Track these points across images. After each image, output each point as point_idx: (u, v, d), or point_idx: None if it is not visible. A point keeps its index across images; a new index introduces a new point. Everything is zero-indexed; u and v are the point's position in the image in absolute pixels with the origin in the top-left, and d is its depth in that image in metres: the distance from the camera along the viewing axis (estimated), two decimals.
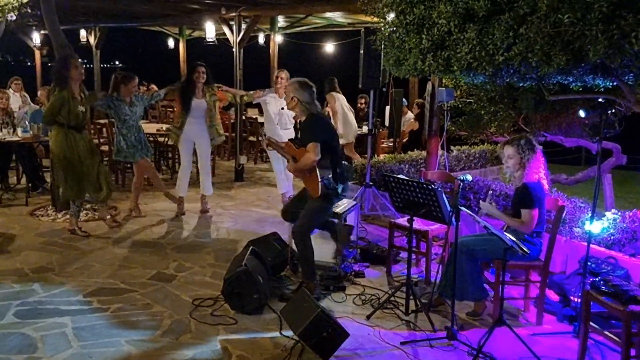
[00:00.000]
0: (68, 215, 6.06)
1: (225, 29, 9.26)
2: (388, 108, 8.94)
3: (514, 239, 3.71)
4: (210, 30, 9.81)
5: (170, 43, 15.59)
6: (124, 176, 8.26)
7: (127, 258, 5.24)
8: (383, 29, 4.99)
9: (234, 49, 8.96)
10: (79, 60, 5.74)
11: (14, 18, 6.65)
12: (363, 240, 5.80)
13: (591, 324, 3.56)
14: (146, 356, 3.54)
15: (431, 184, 4.11)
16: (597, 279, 3.61)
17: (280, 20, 11.05)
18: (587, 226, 4.11)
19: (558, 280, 4.42)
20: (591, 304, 3.54)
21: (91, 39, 13.18)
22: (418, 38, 4.46)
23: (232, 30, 9.02)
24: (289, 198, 6.16)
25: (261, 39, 13.00)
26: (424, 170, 5.82)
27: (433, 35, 4.32)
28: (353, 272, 4.95)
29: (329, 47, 13.41)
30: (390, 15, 4.82)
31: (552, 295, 4.46)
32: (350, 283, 4.80)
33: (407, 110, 9.81)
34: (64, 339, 3.70)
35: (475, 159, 8.18)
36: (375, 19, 5.22)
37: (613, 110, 4.51)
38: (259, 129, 9.97)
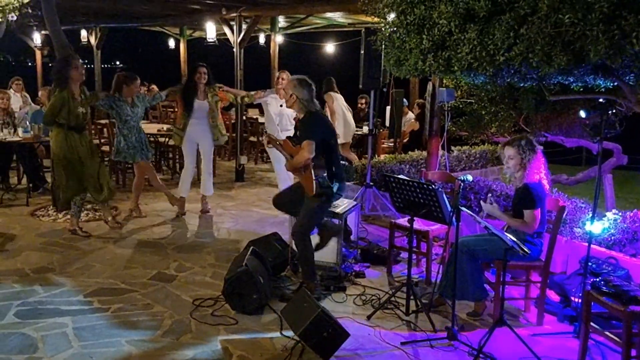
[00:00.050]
0: (69, 216, 6.07)
1: (226, 29, 9.27)
2: (389, 108, 8.93)
3: (514, 239, 3.71)
4: (210, 30, 9.82)
5: (171, 43, 15.59)
6: (125, 176, 8.26)
7: (128, 258, 5.24)
8: (383, 29, 4.99)
9: (235, 49, 8.97)
10: (80, 60, 5.74)
11: (15, 18, 6.65)
12: (363, 240, 5.80)
13: (592, 324, 3.56)
14: (147, 356, 3.54)
15: (432, 184, 4.10)
16: (598, 280, 3.61)
17: (281, 21, 11.05)
18: (588, 226, 4.11)
19: (559, 280, 4.42)
20: (592, 304, 3.54)
21: (92, 39, 13.20)
22: (419, 38, 4.46)
23: (233, 31, 9.03)
24: None
25: (262, 39, 13.00)
26: (424, 171, 5.82)
27: (434, 35, 4.32)
28: (353, 273, 4.96)
29: (330, 48, 13.41)
30: (391, 16, 4.82)
31: (553, 295, 4.46)
32: (350, 283, 4.80)
33: (408, 110, 9.82)
34: (64, 339, 3.70)
35: (476, 159, 8.18)
36: (375, 19, 5.22)
37: (614, 111, 4.51)
38: (260, 129, 9.98)
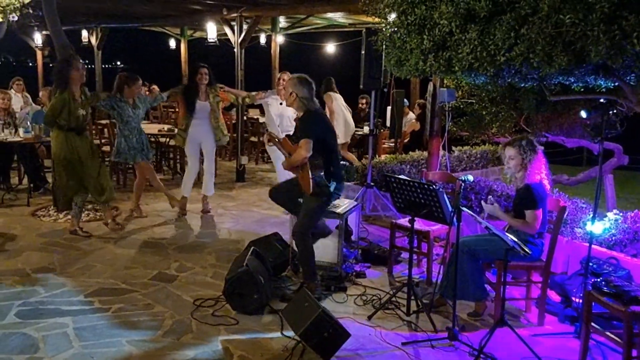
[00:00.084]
0: (69, 216, 6.07)
1: (227, 30, 9.27)
2: (389, 108, 8.93)
3: (515, 239, 3.71)
4: (211, 30, 9.82)
5: (172, 43, 15.58)
6: (125, 177, 8.26)
7: (129, 258, 5.25)
8: (384, 29, 4.99)
9: (236, 50, 8.97)
10: (81, 61, 5.74)
11: (16, 19, 6.66)
12: (364, 240, 5.80)
13: (593, 324, 3.56)
14: (147, 356, 3.54)
15: (432, 185, 4.10)
16: (599, 280, 3.61)
17: (282, 21, 11.05)
18: (589, 227, 4.11)
19: (559, 280, 4.41)
20: (593, 304, 3.54)
21: (93, 40, 13.21)
22: (419, 38, 4.46)
23: (234, 31, 9.03)
24: None
25: (262, 39, 12.99)
26: (425, 171, 5.83)
27: (434, 35, 4.32)
28: (354, 273, 4.95)
29: (330, 48, 13.40)
30: (392, 16, 4.82)
31: (554, 295, 4.46)
32: (351, 283, 4.80)
33: (409, 110, 9.82)
34: (65, 339, 3.70)
35: (477, 160, 8.17)
36: (376, 20, 5.22)
37: (615, 111, 4.50)
38: (261, 129, 9.98)
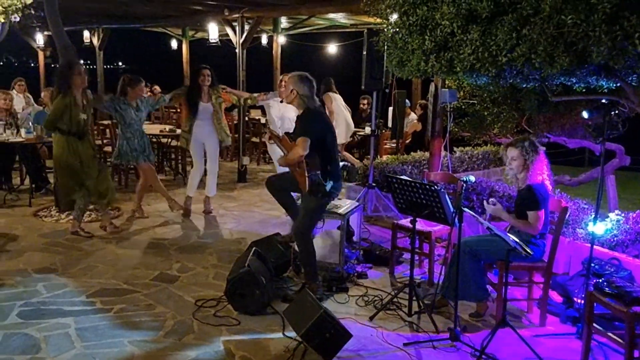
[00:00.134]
0: (71, 216, 6.07)
1: (228, 30, 9.27)
2: (391, 109, 8.94)
3: (517, 240, 3.71)
4: (213, 31, 9.83)
5: (173, 44, 15.57)
6: (127, 177, 8.27)
7: (130, 259, 5.25)
8: (386, 30, 5.00)
9: (237, 50, 8.98)
10: (83, 67, 5.71)
11: (18, 19, 6.67)
12: (366, 241, 5.80)
13: (594, 325, 3.55)
14: (149, 357, 3.55)
15: (434, 185, 4.10)
16: (601, 280, 3.60)
17: (283, 22, 11.05)
18: (591, 227, 4.10)
19: (561, 281, 4.41)
20: (594, 305, 3.53)
21: (94, 40, 13.22)
22: (421, 39, 4.46)
23: (235, 32, 9.04)
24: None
25: (264, 40, 13.00)
26: (426, 171, 5.82)
27: (436, 36, 4.32)
28: (356, 273, 4.95)
29: (332, 48, 13.39)
30: (393, 16, 4.82)
31: (556, 296, 4.45)
32: (353, 284, 4.80)
33: (410, 111, 9.82)
34: (67, 340, 3.71)
35: (478, 160, 8.16)
36: (378, 20, 5.23)
37: (616, 112, 4.50)
38: (262, 130, 9.99)
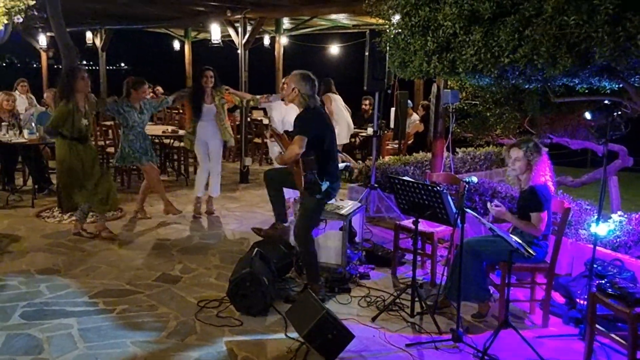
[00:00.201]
0: (74, 218, 6.07)
1: (231, 31, 9.28)
2: (393, 110, 8.93)
3: (519, 240, 3.71)
4: (215, 32, 9.84)
5: (176, 45, 15.60)
6: (130, 178, 8.28)
7: (133, 259, 5.26)
8: (388, 30, 5.00)
9: (239, 51, 8.99)
10: (86, 72, 5.69)
11: (21, 20, 6.68)
12: (368, 242, 5.80)
13: (597, 326, 3.55)
14: (152, 357, 3.55)
15: (436, 186, 4.10)
16: (603, 281, 3.60)
17: (286, 22, 11.06)
18: (593, 228, 4.09)
19: (564, 282, 4.40)
20: (597, 306, 3.53)
21: (97, 41, 13.25)
22: (423, 40, 4.45)
23: (238, 32, 9.04)
24: (294, 201, 6.16)
25: (266, 40, 13.01)
26: (429, 172, 5.82)
27: (438, 37, 4.32)
28: (358, 274, 4.95)
29: (334, 49, 13.39)
30: (396, 17, 4.82)
31: (558, 297, 4.45)
32: (355, 285, 4.80)
33: (412, 112, 9.81)
34: (69, 340, 3.72)
35: (481, 161, 8.16)
36: (380, 21, 5.24)
37: (619, 112, 4.49)
38: (264, 131, 10.00)
